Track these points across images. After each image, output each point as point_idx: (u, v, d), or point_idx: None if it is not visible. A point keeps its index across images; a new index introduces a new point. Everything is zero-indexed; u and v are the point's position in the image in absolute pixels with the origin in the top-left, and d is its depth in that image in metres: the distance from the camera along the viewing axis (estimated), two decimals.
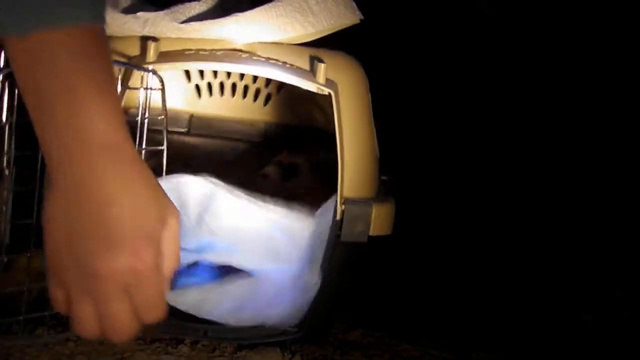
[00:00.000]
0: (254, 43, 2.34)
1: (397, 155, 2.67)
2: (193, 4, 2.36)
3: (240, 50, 2.33)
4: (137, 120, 2.25)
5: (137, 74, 2.27)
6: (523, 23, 3.60)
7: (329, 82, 2.28)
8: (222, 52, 2.29)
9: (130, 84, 2.25)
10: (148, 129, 2.32)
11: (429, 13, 3.63)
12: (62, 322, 2.29)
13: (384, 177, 2.61)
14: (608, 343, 2.63)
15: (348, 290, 2.46)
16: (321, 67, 2.24)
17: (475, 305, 2.76)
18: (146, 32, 2.29)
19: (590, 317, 2.74)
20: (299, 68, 2.29)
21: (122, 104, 2.26)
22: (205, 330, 2.33)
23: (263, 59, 2.29)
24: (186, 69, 2.68)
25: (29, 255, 2.15)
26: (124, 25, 2.29)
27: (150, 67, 2.23)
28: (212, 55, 2.28)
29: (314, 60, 2.28)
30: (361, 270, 2.50)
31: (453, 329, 2.61)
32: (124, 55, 2.31)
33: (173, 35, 2.30)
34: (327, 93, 2.26)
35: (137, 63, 2.26)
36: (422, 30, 3.58)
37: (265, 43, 2.34)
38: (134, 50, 2.32)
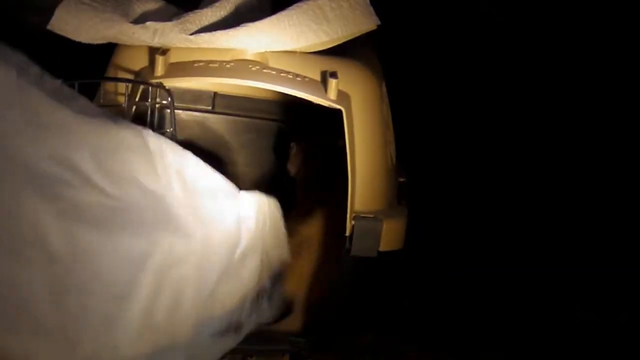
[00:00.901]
0: (265, 53, 2.29)
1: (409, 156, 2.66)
2: (205, 11, 2.29)
3: (251, 61, 2.28)
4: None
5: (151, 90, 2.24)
6: (525, 24, 3.57)
7: (341, 95, 2.24)
8: (231, 64, 2.25)
9: (140, 97, 2.23)
10: None
11: (431, 16, 3.59)
12: None
13: (401, 179, 2.59)
14: (608, 343, 2.63)
15: (358, 299, 2.46)
16: (333, 83, 2.20)
17: (482, 309, 2.76)
18: (155, 42, 2.24)
19: (591, 317, 2.75)
20: (310, 82, 2.25)
21: (131, 118, 2.22)
22: None
23: (274, 72, 2.25)
24: (195, 82, 2.62)
25: None
26: (133, 36, 2.26)
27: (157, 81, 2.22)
28: (220, 69, 2.24)
29: (326, 74, 2.24)
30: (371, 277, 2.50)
31: (462, 333, 2.61)
32: (131, 68, 2.28)
33: (182, 46, 2.25)
34: (338, 108, 2.23)
35: (145, 77, 2.24)
36: (425, 33, 3.53)
37: (277, 52, 2.30)
38: (142, 62, 2.29)
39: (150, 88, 2.21)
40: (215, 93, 2.82)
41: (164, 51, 2.24)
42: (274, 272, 2.29)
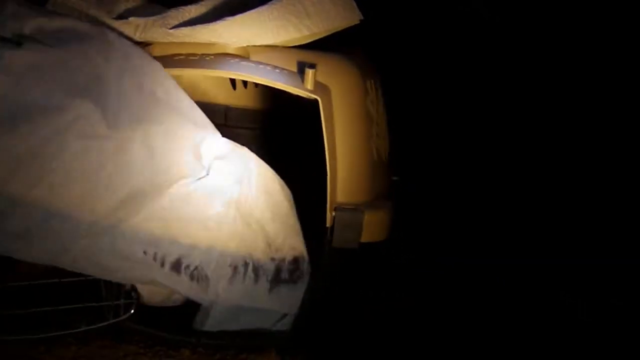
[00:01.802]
0: (247, 47, 2.32)
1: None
2: (190, 7, 2.35)
3: (232, 55, 2.30)
4: None
5: None
6: (517, 23, 3.56)
7: (320, 87, 2.24)
8: (211, 57, 2.27)
9: None
10: None
11: (423, 14, 3.59)
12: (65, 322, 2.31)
13: (395, 178, 2.58)
14: (604, 340, 2.56)
15: (347, 295, 2.44)
16: (309, 73, 2.21)
17: (473, 300, 2.72)
18: (138, 37, 2.30)
19: (578, 304, 2.70)
20: (287, 73, 2.26)
21: None
22: (200, 336, 2.33)
23: (252, 64, 2.27)
24: (176, 74, 2.66)
25: None
26: (116, 31, 2.29)
27: None
28: (200, 61, 2.26)
29: (304, 65, 2.24)
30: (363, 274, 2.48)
31: (457, 328, 2.57)
32: None
33: (164, 41, 2.30)
34: (314, 99, 2.22)
35: None
36: (416, 30, 3.53)
37: (258, 47, 2.32)
38: None
39: None
40: (227, 107, 2.99)
41: (146, 45, 2.29)
42: (281, 257, 2.28)
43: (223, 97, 3.07)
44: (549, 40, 3.50)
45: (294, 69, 2.28)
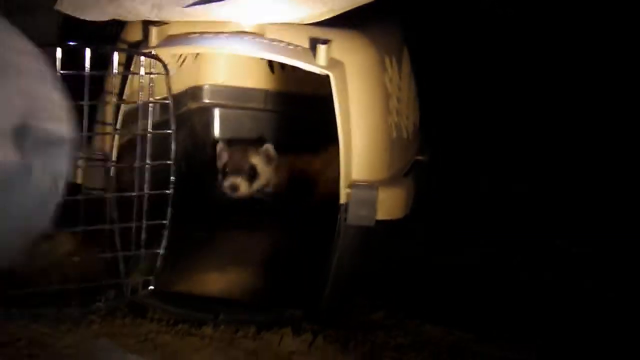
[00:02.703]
0: (262, 24, 2.31)
1: None
2: None
3: (247, 33, 2.30)
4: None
5: (145, 60, 2.27)
6: (526, 20, 3.55)
7: (333, 63, 2.22)
8: (225, 35, 2.27)
9: (134, 69, 2.27)
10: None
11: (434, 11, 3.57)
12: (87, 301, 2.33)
13: (419, 157, 2.57)
14: (617, 319, 2.54)
15: (366, 272, 2.42)
16: (321, 49, 2.19)
17: (495, 287, 2.68)
18: (153, 16, 2.30)
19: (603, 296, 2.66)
20: (300, 49, 2.25)
21: (126, 89, 2.29)
22: (218, 312, 2.35)
23: (265, 41, 2.26)
24: (189, 52, 2.68)
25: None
26: (132, 11, 2.31)
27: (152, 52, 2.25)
28: (214, 38, 2.27)
29: (316, 41, 2.22)
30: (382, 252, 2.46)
31: (475, 309, 2.54)
32: (128, 41, 2.33)
33: (179, 19, 2.29)
34: (325, 74, 2.21)
35: (140, 49, 2.27)
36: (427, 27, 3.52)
37: (274, 24, 2.31)
38: (138, 35, 2.35)
39: (143, 58, 2.24)
40: (266, 91, 3.08)
41: (160, 24, 2.29)
42: None
43: (262, 81, 3.12)
44: (557, 36, 3.48)
45: (306, 41, 2.27)
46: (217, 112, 3.18)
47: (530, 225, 3.06)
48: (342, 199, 2.21)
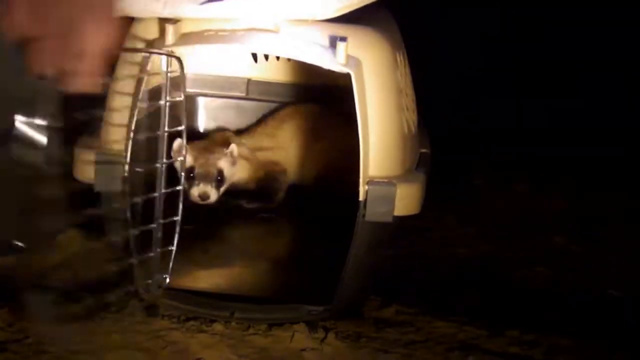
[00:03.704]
0: (278, 21, 2.30)
1: None
2: None
3: (263, 30, 2.29)
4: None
5: (158, 58, 2.25)
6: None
7: (351, 60, 2.22)
8: (241, 32, 2.26)
9: (151, 68, 2.25)
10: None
11: None
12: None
13: (423, 150, 2.58)
14: (634, 315, 2.56)
15: (379, 268, 2.43)
16: (341, 46, 2.19)
17: (508, 283, 2.71)
18: (166, 13, 2.27)
19: (616, 292, 2.69)
20: (319, 47, 2.24)
21: (143, 87, 2.26)
22: (233, 310, 2.35)
23: (283, 39, 2.26)
24: (205, 50, 2.67)
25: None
26: (144, 7, 2.29)
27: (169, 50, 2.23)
28: (229, 37, 2.25)
29: (335, 39, 2.22)
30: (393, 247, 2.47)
31: (487, 306, 2.56)
32: (144, 39, 2.31)
33: (193, 17, 2.28)
34: (346, 72, 2.20)
35: (156, 47, 2.25)
36: None
37: (290, 21, 2.30)
38: (153, 33, 2.32)
39: (161, 57, 2.22)
40: (248, 80, 3.07)
41: (175, 21, 2.26)
42: None
43: (244, 69, 3.11)
44: None
45: (325, 42, 2.26)
46: (201, 102, 3.20)
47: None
48: (361, 196, 2.21)
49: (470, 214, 3.17)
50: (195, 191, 2.82)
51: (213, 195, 2.85)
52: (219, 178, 2.87)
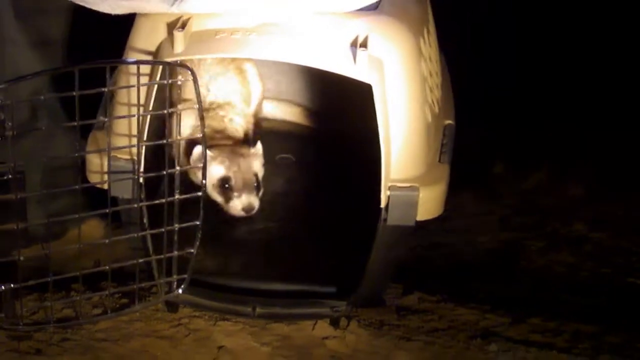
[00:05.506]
0: (293, 16, 2.17)
1: None
2: None
3: (277, 27, 2.16)
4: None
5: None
6: None
7: (372, 63, 2.11)
8: (253, 34, 2.14)
9: (161, 76, 2.15)
10: None
11: None
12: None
13: (448, 122, 2.50)
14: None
15: (400, 262, 2.43)
16: (361, 55, 2.07)
17: (530, 271, 2.71)
18: (174, 10, 2.14)
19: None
20: (338, 51, 2.12)
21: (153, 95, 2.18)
22: (254, 305, 2.32)
23: (300, 43, 2.14)
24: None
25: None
26: (150, 3, 2.16)
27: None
28: (243, 42, 2.13)
29: (355, 43, 2.11)
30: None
31: (509, 293, 2.56)
32: (143, 50, 2.22)
33: (202, 12, 2.15)
34: (367, 82, 2.10)
35: (163, 55, 2.15)
36: None
37: (305, 15, 2.17)
38: (152, 44, 2.21)
39: (167, 67, 2.08)
40: None
41: (183, 25, 2.13)
42: None
43: None
44: None
45: (344, 42, 2.14)
46: None
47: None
48: (383, 202, 2.16)
49: (490, 202, 3.13)
50: (237, 204, 2.51)
51: (257, 205, 2.54)
52: (256, 185, 2.55)
